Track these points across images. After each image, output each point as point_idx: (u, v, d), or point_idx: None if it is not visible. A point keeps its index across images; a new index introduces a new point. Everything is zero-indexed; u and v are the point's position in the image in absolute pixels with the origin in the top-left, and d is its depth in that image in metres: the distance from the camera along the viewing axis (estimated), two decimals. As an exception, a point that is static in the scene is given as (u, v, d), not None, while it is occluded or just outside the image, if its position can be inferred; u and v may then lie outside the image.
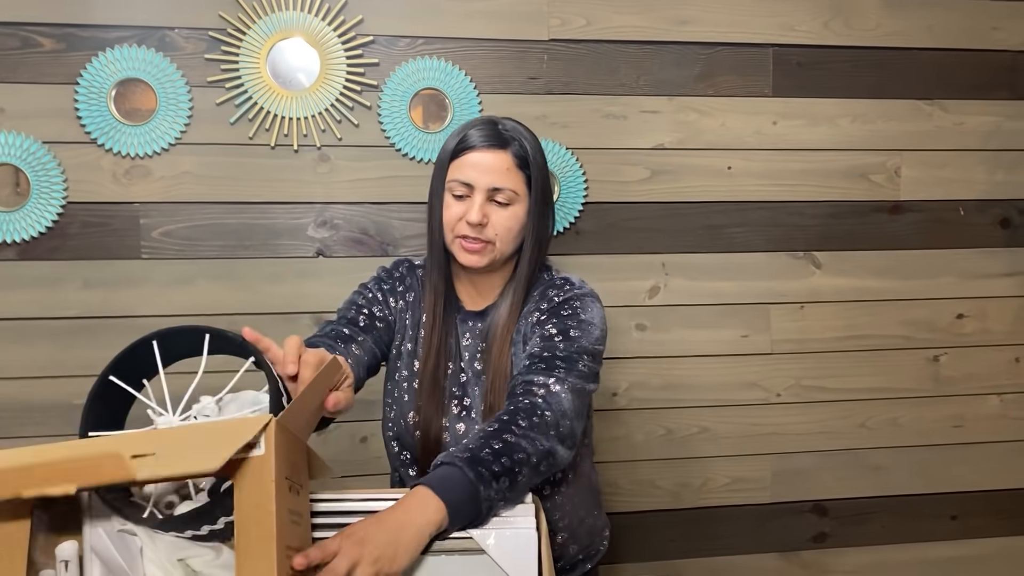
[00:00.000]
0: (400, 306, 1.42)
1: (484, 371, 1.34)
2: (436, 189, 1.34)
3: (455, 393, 1.36)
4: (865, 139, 2.07)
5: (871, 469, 2.14)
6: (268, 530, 0.71)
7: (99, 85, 1.79)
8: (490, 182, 1.29)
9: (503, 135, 1.32)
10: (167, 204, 1.84)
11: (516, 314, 1.35)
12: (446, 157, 1.34)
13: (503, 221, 1.30)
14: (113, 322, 1.83)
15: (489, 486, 0.99)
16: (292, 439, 0.80)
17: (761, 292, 2.06)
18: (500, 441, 1.05)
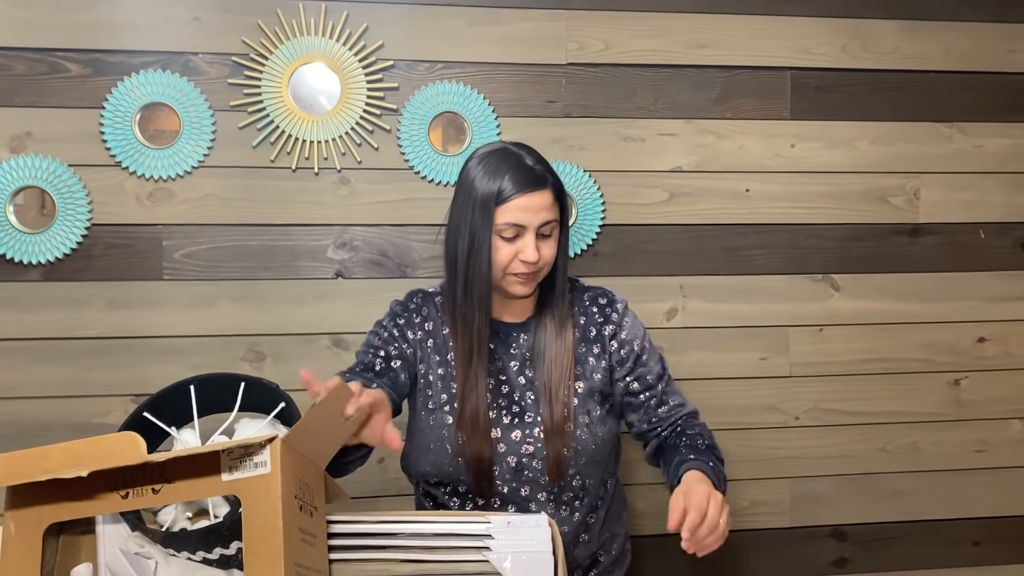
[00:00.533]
0: (419, 336, 1.45)
1: (536, 378, 1.42)
2: (479, 232, 1.36)
3: (501, 404, 1.41)
4: (884, 162, 2.07)
5: (891, 494, 2.12)
6: (275, 547, 0.72)
7: (124, 109, 1.82)
8: (540, 220, 1.36)
9: (539, 174, 1.37)
10: (189, 226, 1.86)
11: (568, 320, 1.44)
12: (489, 202, 1.35)
13: (549, 251, 1.39)
14: (135, 343, 1.86)
15: (723, 477, 1.33)
16: (302, 461, 0.81)
17: (780, 315, 2.06)
18: (715, 447, 1.39)
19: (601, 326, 1.46)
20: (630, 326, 1.48)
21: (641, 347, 1.47)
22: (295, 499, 0.78)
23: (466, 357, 1.40)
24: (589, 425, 1.41)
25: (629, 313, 1.50)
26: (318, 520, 0.84)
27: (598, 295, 1.50)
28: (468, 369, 1.39)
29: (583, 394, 1.42)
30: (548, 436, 1.38)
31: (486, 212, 1.35)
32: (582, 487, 1.43)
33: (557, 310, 1.43)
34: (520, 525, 1.03)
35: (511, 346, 1.45)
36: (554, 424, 1.38)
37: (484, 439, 1.37)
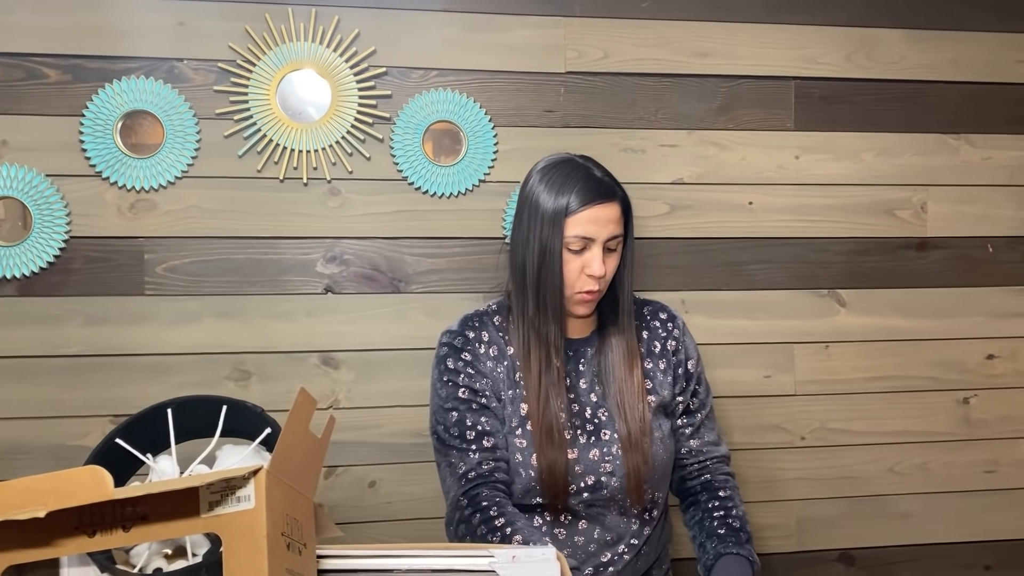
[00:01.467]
0: (491, 365, 1.42)
1: (607, 394, 1.41)
2: (550, 246, 1.34)
3: (575, 423, 1.39)
4: (890, 174, 2.01)
5: (900, 516, 2.05)
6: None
7: (105, 117, 1.74)
8: (608, 233, 1.35)
9: (608, 185, 1.37)
10: (173, 239, 1.79)
11: (633, 334, 1.44)
12: (560, 214, 1.33)
13: (613, 265, 1.39)
14: (115, 360, 1.77)
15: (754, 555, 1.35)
16: (290, 493, 0.73)
17: (784, 331, 1.99)
18: (748, 528, 1.40)
19: (665, 340, 1.47)
20: (689, 345, 1.51)
21: (696, 369, 1.49)
22: (282, 536, 0.71)
23: (539, 372, 1.38)
24: (662, 439, 1.42)
25: (687, 330, 1.53)
26: (307, 558, 0.76)
27: (658, 309, 1.52)
28: (541, 384, 1.37)
29: (655, 408, 1.42)
30: (627, 453, 1.37)
31: (556, 224, 1.33)
32: (653, 500, 1.44)
33: (623, 325, 1.43)
34: (526, 560, 0.96)
35: (579, 363, 1.43)
36: (632, 441, 1.37)
37: (559, 451, 1.35)
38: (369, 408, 1.85)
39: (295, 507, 0.74)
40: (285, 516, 0.72)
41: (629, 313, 1.44)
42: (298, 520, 0.75)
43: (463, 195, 1.86)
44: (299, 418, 0.74)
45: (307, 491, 0.78)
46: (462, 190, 1.86)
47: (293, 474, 0.75)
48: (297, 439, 0.75)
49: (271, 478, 0.70)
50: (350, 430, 1.85)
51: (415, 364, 1.83)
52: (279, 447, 0.72)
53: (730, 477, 1.50)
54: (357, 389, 1.84)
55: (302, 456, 0.76)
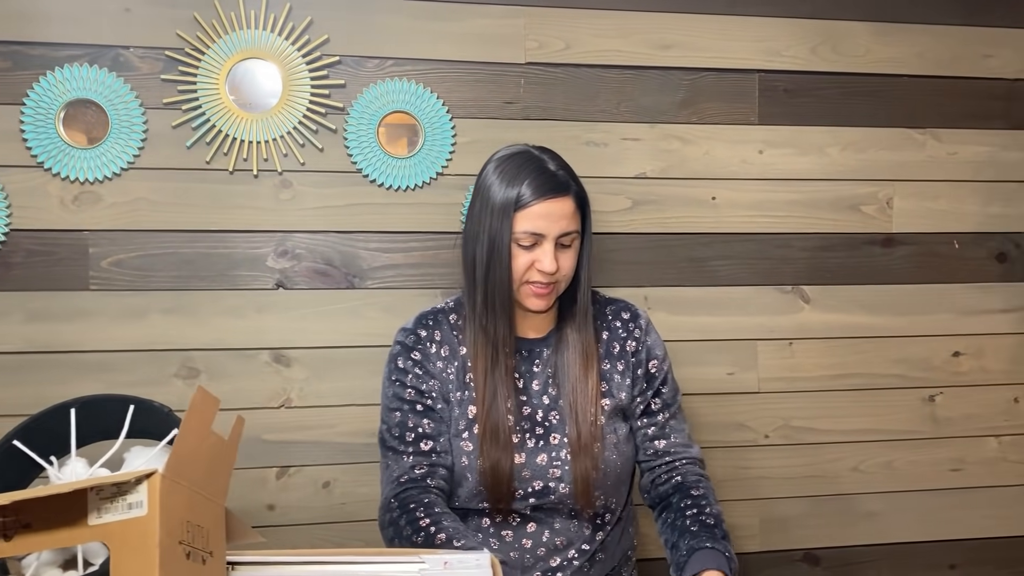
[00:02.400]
0: (441, 366, 1.38)
1: (560, 396, 1.36)
2: (498, 239, 1.29)
3: (523, 427, 1.35)
4: (855, 169, 1.99)
5: (865, 515, 2.03)
6: (151, 606, 0.60)
7: (47, 106, 1.68)
8: (560, 229, 1.30)
9: (561, 179, 1.32)
10: (118, 232, 1.73)
11: (591, 336, 1.38)
12: (508, 208, 1.29)
13: (568, 262, 1.33)
14: (59, 358, 1.71)
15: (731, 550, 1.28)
16: (191, 498, 0.69)
17: (748, 328, 1.96)
18: (723, 525, 1.33)
19: (625, 341, 1.41)
20: (652, 345, 1.44)
21: (658, 369, 1.43)
22: (180, 545, 0.66)
23: (486, 371, 1.33)
24: (616, 444, 1.36)
25: (652, 330, 1.47)
26: (213, 568, 0.72)
27: (621, 308, 1.47)
28: (488, 384, 1.33)
29: (610, 412, 1.37)
30: (576, 458, 1.32)
31: (505, 218, 1.28)
32: (606, 507, 1.39)
33: (580, 325, 1.37)
34: (458, 565, 0.92)
35: (534, 363, 1.38)
36: (582, 446, 1.32)
37: (504, 454, 1.31)
38: (322, 407, 1.80)
39: (198, 513, 0.69)
40: (185, 523, 0.67)
41: (586, 312, 1.39)
42: (203, 527, 0.70)
43: (420, 188, 1.82)
44: (198, 419, 0.70)
45: (215, 496, 0.74)
46: (419, 183, 1.82)
47: (196, 478, 0.70)
48: (199, 441, 0.70)
49: (167, 482, 0.65)
50: (303, 429, 1.80)
51: (370, 362, 1.78)
52: (176, 449, 0.67)
53: (704, 478, 1.44)
54: (310, 387, 1.79)
55: (207, 459, 0.72)
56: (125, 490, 0.64)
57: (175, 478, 0.67)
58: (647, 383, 1.42)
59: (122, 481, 0.64)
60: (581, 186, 1.36)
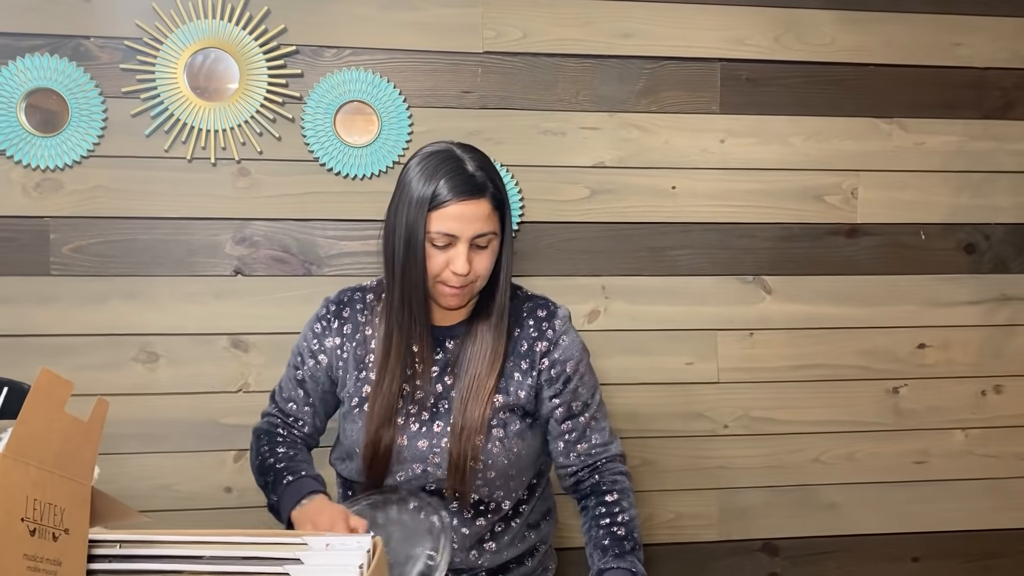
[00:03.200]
0: (337, 343, 1.41)
1: (455, 386, 1.35)
2: (413, 238, 1.29)
3: (411, 411, 1.35)
4: (819, 159, 1.97)
5: (826, 507, 2.03)
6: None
7: (9, 95, 1.72)
8: (474, 231, 1.29)
9: (478, 181, 1.30)
10: (79, 219, 1.77)
11: (502, 333, 1.36)
12: (423, 207, 1.29)
13: (484, 262, 1.32)
14: (20, 341, 1.76)
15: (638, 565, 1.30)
16: (42, 477, 0.71)
17: (708, 318, 1.96)
18: (637, 534, 1.35)
19: (535, 342, 1.38)
20: (566, 346, 1.40)
21: (574, 370, 1.40)
22: (22, 522, 0.68)
23: (386, 355, 1.35)
24: (503, 440, 1.35)
25: (569, 331, 1.41)
26: (68, 544, 0.74)
27: (539, 306, 1.42)
28: (388, 369, 1.34)
29: (500, 408, 1.35)
30: (454, 447, 1.32)
31: (419, 217, 1.28)
32: (491, 498, 1.38)
33: (492, 321, 1.36)
34: (340, 548, 0.94)
35: (435, 350, 1.38)
36: (464, 436, 1.32)
37: (387, 432, 1.33)
38: (279, 392, 1.83)
39: (47, 492, 0.72)
40: (30, 501, 0.69)
41: (502, 311, 1.36)
42: (54, 505, 0.72)
43: (376, 177, 1.84)
44: (42, 399, 0.72)
45: (76, 476, 0.76)
46: (376, 171, 1.83)
47: (47, 457, 0.72)
48: (47, 422, 0.72)
49: (6, 461, 0.68)
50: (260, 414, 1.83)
51: (325, 348, 1.80)
52: (16, 429, 0.70)
53: (621, 477, 1.41)
54: (267, 372, 1.82)
55: (60, 440, 0.74)
56: (-36, 468, 0.67)
57: (17, 458, 0.69)
58: (564, 385, 1.38)
59: (-39, 460, 0.66)
60: (501, 187, 1.34)
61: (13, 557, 0.67)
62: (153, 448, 1.79)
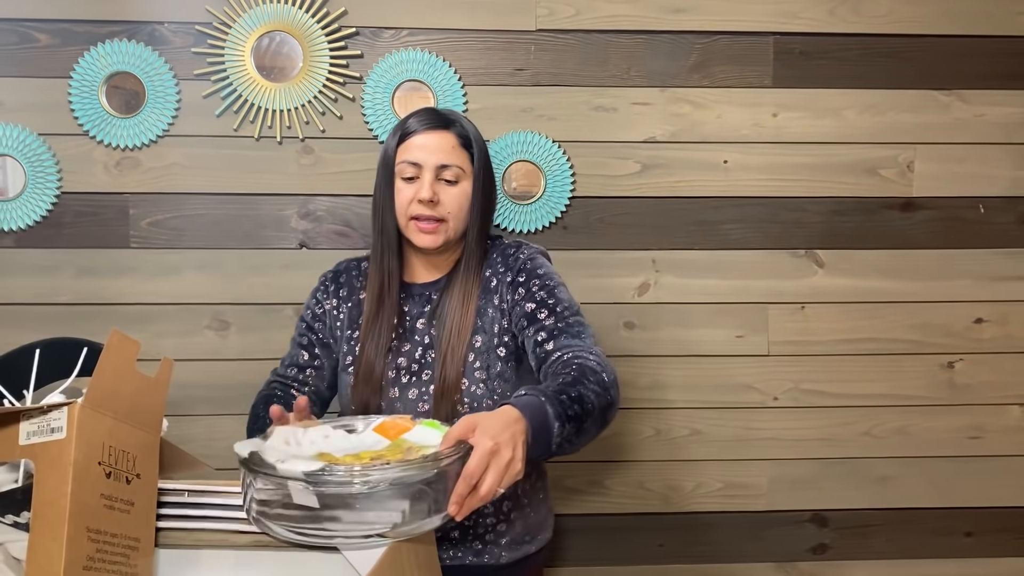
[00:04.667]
0: (333, 304, 1.51)
1: (438, 338, 1.40)
2: (385, 178, 1.42)
3: (401, 365, 1.42)
4: (874, 132, 1.96)
5: (877, 480, 2.03)
6: (61, 511, 0.72)
7: (91, 79, 1.84)
8: (437, 160, 1.38)
9: (444, 116, 1.43)
10: (155, 195, 1.88)
11: (474, 277, 1.42)
12: (392, 146, 1.42)
13: (453, 198, 1.39)
14: (104, 309, 1.89)
15: (563, 426, 1.08)
16: (115, 427, 0.80)
17: (758, 291, 1.98)
18: (574, 390, 1.13)
19: (504, 274, 1.43)
20: (532, 266, 1.40)
21: (540, 284, 1.36)
22: (99, 465, 0.78)
23: (374, 313, 1.43)
24: (486, 381, 1.38)
25: (537, 257, 1.42)
26: (139, 488, 0.83)
27: (508, 246, 1.46)
28: (374, 325, 1.42)
29: (481, 348, 1.40)
30: (438, 398, 1.37)
31: (387, 157, 1.41)
32: None
33: (468, 270, 1.43)
34: None
35: (424, 306, 1.45)
36: (446, 385, 1.37)
37: (374, 391, 1.40)
38: (341, 359, 1.92)
39: (121, 439, 0.81)
40: (107, 447, 0.79)
41: (473, 254, 1.42)
42: (128, 452, 0.81)
43: (433, 153, 1.90)
44: (114, 358, 0.81)
45: (146, 427, 0.85)
46: (432, 148, 1.90)
47: (120, 409, 0.81)
48: (120, 378, 0.81)
49: (84, 411, 0.77)
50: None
51: (384, 317, 1.89)
52: (93, 383, 0.79)
53: (589, 369, 1.20)
54: (330, 340, 1.91)
55: (132, 394, 0.83)
56: (49, 416, 0.76)
57: (95, 408, 0.78)
58: (528, 298, 1.35)
59: (46, 408, 0.76)
60: (471, 130, 1.43)
61: (92, 495, 0.76)
62: (224, 410, 1.91)
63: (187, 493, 0.97)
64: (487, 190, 1.44)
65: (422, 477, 0.92)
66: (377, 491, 0.90)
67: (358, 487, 0.89)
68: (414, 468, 0.91)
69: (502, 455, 0.98)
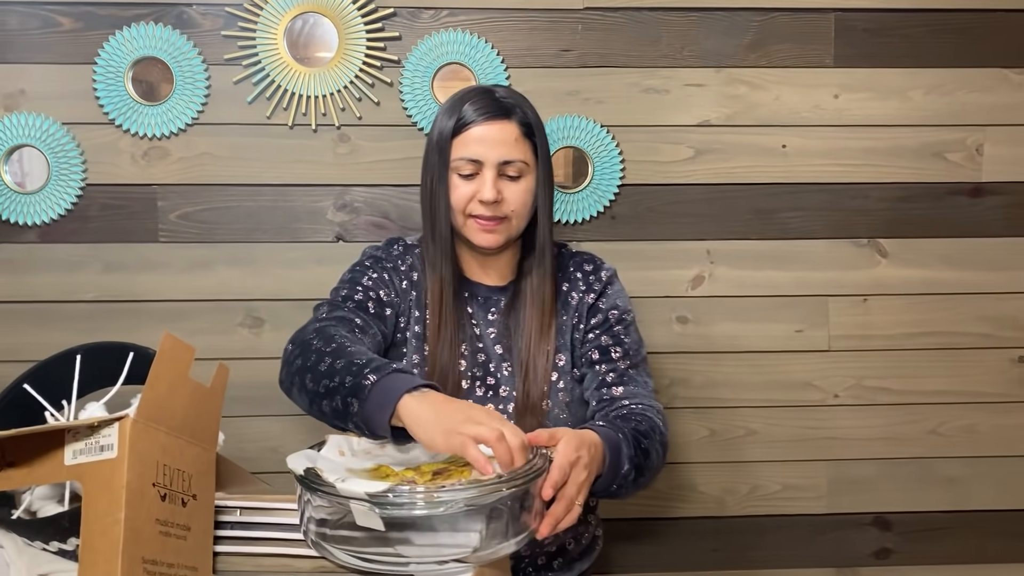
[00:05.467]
0: (405, 287, 1.34)
1: (513, 349, 1.29)
2: (437, 171, 1.27)
3: (476, 375, 1.29)
4: (941, 114, 1.85)
5: (943, 481, 1.93)
6: (114, 541, 0.63)
7: (116, 64, 1.75)
8: (500, 156, 1.24)
9: (504, 104, 1.26)
10: (185, 186, 1.79)
11: (550, 286, 1.29)
12: (446, 135, 1.27)
13: (517, 196, 1.26)
14: (131, 307, 1.80)
15: (630, 470, 1.05)
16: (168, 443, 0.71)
17: (818, 283, 1.87)
18: (646, 442, 1.10)
19: (584, 294, 1.33)
20: (613, 294, 1.34)
21: (617, 318, 1.32)
22: (153, 487, 0.69)
23: (439, 313, 1.28)
24: (569, 404, 1.28)
25: (616, 283, 1.37)
26: (196, 510, 0.74)
27: (584, 261, 1.38)
28: (441, 329, 1.28)
29: (564, 368, 1.30)
30: (521, 415, 1.26)
31: (443, 147, 1.25)
32: None
33: (539, 275, 1.30)
34: None
35: (489, 311, 1.33)
36: (530, 402, 1.26)
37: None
38: (380, 357, 1.83)
39: (176, 458, 0.72)
40: (160, 466, 0.70)
41: (544, 256, 1.30)
42: (182, 471, 0.72)
43: (475, 140, 1.80)
44: (168, 365, 0.72)
45: (201, 442, 0.76)
46: (474, 135, 1.80)
47: (174, 423, 0.72)
48: (173, 387, 0.72)
49: (137, 426, 0.68)
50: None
51: (425, 313, 1.80)
52: (146, 395, 0.70)
53: (658, 423, 1.19)
54: (368, 338, 1.82)
55: (186, 405, 0.74)
56: (98, 433, 0.67)
57: (147, 422, 0.69)
58: (604, 330, 1.30)
59: (95, 424, 0.67)
60: (532, 116, 1.28)
61: (146, 521, 0.67)
62: (259, 411, 1.82)
63: (239, 511, 0.88)
64: (550, 183, 1.32)
65: (499, 498, 0.82)
66: (452, 512, 0.80)
67: (429, 509, 0.79)
68: (489, 488, 0.82)
69: (579, 471, 0.90)
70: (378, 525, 0.80)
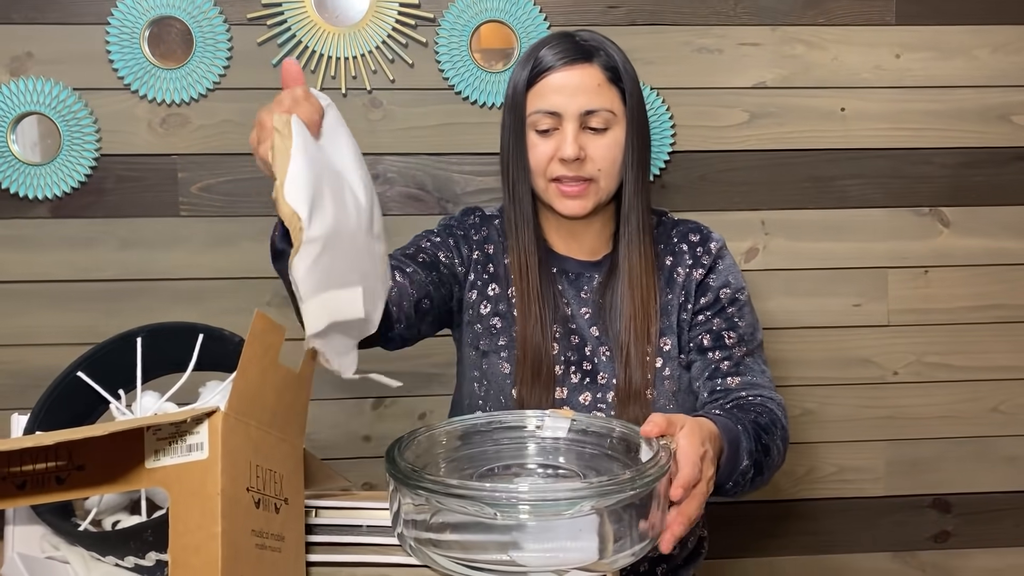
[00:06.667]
0: (477, 256, 1.21)
1: (610, 332, 1.15)
2: (514, 130, 1.13)
3: (571, 359, 1.16)
4: (1008, 74, 1.75)
5: (1005, 460, 1.85)
6: (211, 559, 0.52)
7: (131, 24, 1.62)
8: (581, 105, 1.09)
9: (585, 46, 1.12)
10: (207, 156, 1.67)
11: (648, 259, 1.15)
12: (521, 88, 1.12)
13: (603, 151, 1.11)
14: (152, 285, 1.69)
15: (749, 467, 0.96)
16: (260, 439, 0.60)
17: (878, 255, 1.78)
18: (767, 437, 1.00)
19: (691, 269, 1.19)
20: (724, 269, 1.20)
21: (730, 297, 1.18)
22: (247, 492, 0.58)
23: (523, 292, 1.15)
24: (676, 393, 1.16)
25: (727, 255, 1.22)
26: (288, 516, 0.64)
27: (690, 231, 1.23)
28: (529, 308, 1.14)
29: (669, 353, 1.16)
30: (624, 404, 1.13)
31: (517, 102, 1.11)
32: None
33: (637, 247, 1.15)
34: None
35: (582, 289, 1.20)
36: (632, 390, 1.13)
37: (545, 390, 1.14)
38: (417, 337, 1.73)
39: (268, 456, 0.61)
40: (253, 467, 0.59)
41: (642, 227, 1.15)
42: (274, 472, 0.62)
43: (516, 105, 1.69)
44: (260, 348, 0.61)
45: (290, 436, 0.65)
46: (515, 99, 1.69)
47: (264, 416, 0.61)
48: (264, 374, 0.62)
49: (230, 421, 0.57)
50: (399, 360, 1.72)
51: (465, 290, 1.69)
52: (237, 383, 0.59)
53: (778, 417, 1.08)
54: (404, 316, 1.71)
55: (276, 394, 0.63)
56: (184, 430, 0.56)
57: (239, 416, 0.58)
58: (716, 312, 1.16)
59: (181, 420, 0.56)
60: (620, 58, 1.12)
61: (243, 533, 0.56)
62: (290, 396, 1.71)
63: (315, 512, 0.77)
64: (644, 135, 1.15)
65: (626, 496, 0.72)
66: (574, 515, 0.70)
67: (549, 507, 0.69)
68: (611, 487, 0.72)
69: (708, 467, 0.80)
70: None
